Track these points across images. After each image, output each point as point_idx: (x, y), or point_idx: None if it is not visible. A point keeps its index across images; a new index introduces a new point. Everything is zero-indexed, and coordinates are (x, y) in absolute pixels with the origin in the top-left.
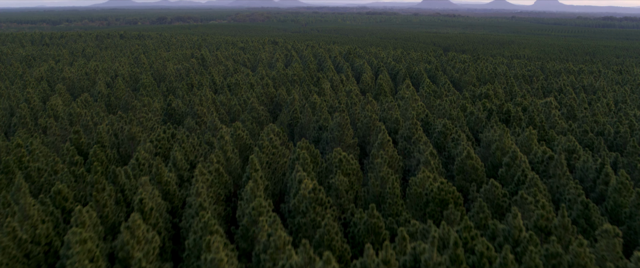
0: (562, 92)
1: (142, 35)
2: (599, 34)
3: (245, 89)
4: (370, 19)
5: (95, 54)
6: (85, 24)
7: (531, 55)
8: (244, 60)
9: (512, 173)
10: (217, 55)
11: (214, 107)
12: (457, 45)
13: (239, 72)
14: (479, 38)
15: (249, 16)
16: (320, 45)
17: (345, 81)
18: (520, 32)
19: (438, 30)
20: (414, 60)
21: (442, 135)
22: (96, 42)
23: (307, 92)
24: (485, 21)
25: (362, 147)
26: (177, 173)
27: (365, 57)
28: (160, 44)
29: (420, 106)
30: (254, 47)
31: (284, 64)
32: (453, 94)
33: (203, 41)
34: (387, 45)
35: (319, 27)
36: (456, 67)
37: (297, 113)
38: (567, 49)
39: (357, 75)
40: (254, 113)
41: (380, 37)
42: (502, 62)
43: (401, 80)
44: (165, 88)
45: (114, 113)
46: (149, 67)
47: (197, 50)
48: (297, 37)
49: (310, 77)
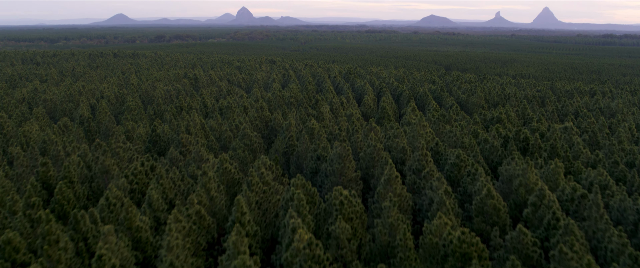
0: (578, 116)
1: (137, 54)
2: (601, 52)
3: (238, 112)
4: (369, 37)
5: (85, 74)
6: (83, 42)
7: (536, 74)
8: (239, 80)
9: (540, 215)
10: (211, 75)
11: (203, 133)
12: (459, 64)
13: (233, 93)
14: (480, 56)
15: (248, 35)
16: (319, 64)
17: (345, 104)
18: (521, 50)
19: (438, 48)
20: (418, 80)
21: (455, 167)
22: (88, 61)
23: (305, 116)
24: (485, 39)
25: (366, 179)
26: (153, 215)
27: (366, 77)
28: (153, 63)
29: (429, 133)
30: (251, 66)
31: (281, 84)
32: (462, 118)
33: (198, 60)
34: (388, 64)
35: (318, 45)
36: (462, 88)
37: (293, 140)
38: (572, 68)
39: (358, 97)
40: (247, 140)
41: (381, 55)
42: (509, 82)
43: (405, 102)
44: (153, 111)
45: (93, 139)
46: (137, 88)
47: (191, 70)
48: (296, 55)
49: (308, 99)
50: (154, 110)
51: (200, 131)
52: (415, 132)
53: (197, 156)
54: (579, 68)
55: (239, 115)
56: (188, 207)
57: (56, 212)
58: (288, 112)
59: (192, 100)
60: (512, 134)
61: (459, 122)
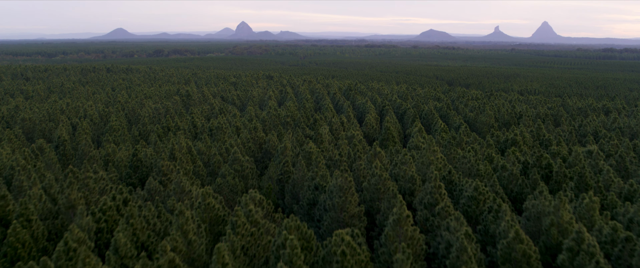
0: (598, 137)
1: (131, 69)
2: (603, 66)
3: (229, 133)
4: (369, 51)
5: (73, 90)
6: (81, 56)
7: (541, 89)
8: (233, 97)
9: (580, 263)
10: (204, 91)
11: (190, 157)
12: (461, 79)
13: (226, 112)
14: (482, 71)
15: (246, 49)
16: (318, 80)
17: (346, 124)
18: (522, 65)
19: (438, 62)
20: (422, 97)
21: (473, 201)
22: (80, 76)
23: (302, 137)
24: (485, 53)
25: (370, 213)
26: (120, 262)
27: (367, 93)
28: (146, 78)
29: (441, 159)
30: (247, 82)
31: (278, 101)
32: (474, 141)
33: (193, 76)
34: (390, 80)
35: (318, 60)
36: (469, 105)
37: (288, 166)
38: (576, 82)
39: (360, 116)
40: (237, 165)
41: (381, 70)
42: (518, 99)
43: (410, 121)
44: (138, 132)
45: (69, 164)
46: (124, 106)
47: (184, 86)
48: (294, 70)
49: (306, 118)
50: (139, 131)
51: (187, 155)
52: (424, 158)
53: (178, 187)
54: (584, 83)
55: (230, 136)
56: (159, 256)
57: (9, 257)
58: (284, 133)
59: (180, 120)
60: (532, 160)
61: (471, 145)
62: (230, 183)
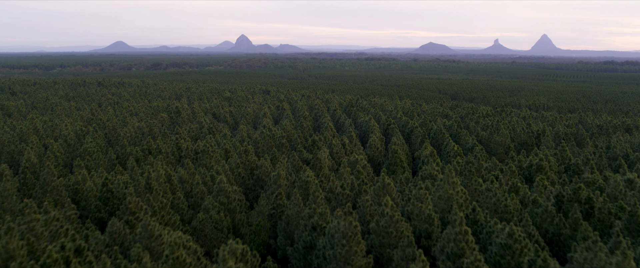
0: (629, 159)
1: (123, 83)
2: (606, 79)
3: (217, 157)
4: (369, 64)
5: (57, 106)
6: (78, 69)
7: (550, 103)
8: (226, 114)
9: None
10: (194, 108)
11: (170, 187)
12: (465, 93)
13: (216, 131)
14: (485, 84)
15: (246, 62)
16: (318, 94)
17: (348, 145)
18: (524, 78)
19: (439, 76)
20: (428, 114)
21: (508, 251)
22: (68, 90)
23: (299, 163)
24: (486, 66)
25: (379, 262)
26: None
27: (370, 110)
28: (137, 93)
29: (461, 193)
30: (241, 97)
31: (274, 118)
32: (494, 166)
33: (186, 90)
34: (392, 94)
35: (317, 73)
36: (481, 123)
37: (282, 198)
38: (584, 96)
39: (363, 135)
40: (223, 197)
41: (382, 84)
42: (531, 116)
43: (418, 141)
44: (115, 155)
45: (30, 195)
46: (104, 124)
47: (175, 102)
48: (293, 84)
49: (303, 139)
50: (116, 154)
51: (165, 185)
52: (442, 191)
53: (146, 231)
54: (592, 97)
55: (217, 161)
56: None
57: None
58: (279, 156)
59: (164, 141)
60: (567, 192)
61: (492, 173)
62: (214, 219)
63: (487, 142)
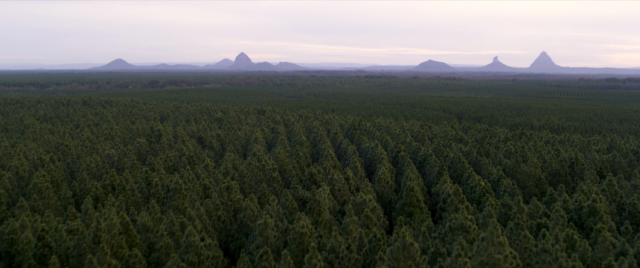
0: None
1: (110, 102)
2: (612, 97)
3: (192, 196)
4: (369, 82)
5: (29, 127)
6: (74, 87)
7: (563, 124)
8: (212, 139)
9: None
10: (178, 131)
11: (126, 240)
12: (471, 112)
13: (197, 160)
14: (489, 102)
15: (244, 80)
16: (317, 115)
17: (352, 179)
18: (528, 95)
19: (441, 93)
20: (441, 138)
21: None
22: (50, 110)
23: (292, 204)
24: (487, 84)
25: None
26: None
27: (375, 133)
28: (122, 113)
29: (510, 257)
30: (233, 118)
31: (267, 142)
32: (535, 209)
33: (175, 110)
34: (396, 114)
35: (316, 91)
36: (502, 149)
37: (268, 259)
38: (595, 114)
39: (368, 164)
40: (193, 255)
41: (383, 102)
42: (557, 140)
43: (435, 173)
44: (71, 193)
45: None
46: (70, 151)
47: (159, 123)
48: (292, 103)
49: (299, 171)
50: (74, 191)
51: (120, 237)
52: (485, 255)
53: None
54: (604, 116)
55: (193, 201)
56: None
57: None
58: (269, 194)
59: (132, 174)
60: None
61: (536, 220)
62: None
63: (513, 172)
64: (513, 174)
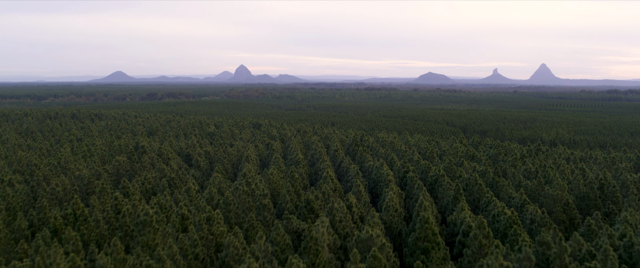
0: None
1: (100, 115)
2: (615, 109)
3: (166, 230)
4: (369, 94)
5: (5, 143)
6: (71, 99)
7: (576, 138)
8: (199, 158)
9: None
10: (163, 148)
11: None
12: (476, 125)
13: (178, 183)
14: (493, 115)
15: (243, 92)
16: (316, 129)
17: (355, 207)
18: (531, 108)
19: (443, 106)
20: (451, 155)
21: None
22: (36, 123)
23: (284, 240)
24: (488, 96)
25: None
26: None
27: (378, 150)
28: (110, 127)
29: None
30: (227, 132)
31: (261, 160)
32: (577, 245)
33: (166, 123)
34: (398, 127)
35: (316, 103)
36: (520, 167)
37: None
38: (604, 127)
39: (372, 185)
40: None
41: (384, 115)
42: (577, 157)
43: (450, 198)
44: (27, 223)
45: None
46: (35, 172)
47: (146, 139)
48: (290, 116)
49: (295, 196)
50: (30, 221)
51: None
52: None
53: None
54: (614, 129)
55: (167, 236)
56: None
57: None
58: (257, 225)
59: (101, 201)
60: None
61: (583, 265)
62: None
63: (536, 195)
64: (535, 197)
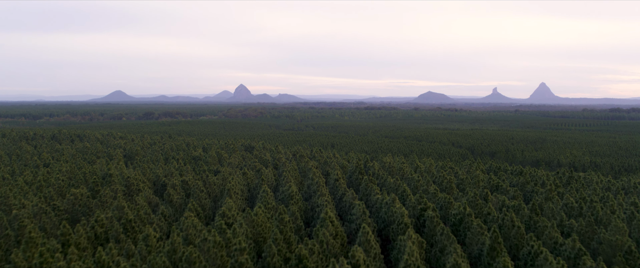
0: None
1: (82, 136)
2: (621, 128)
3: None
4: (369, 114)
5: None
6: (66, 118)
7: (598, 161)
8: (173, 192)
9: None
10: (134, 176)
11: None
12: (483, 146)
13: (139, 226)
14: (499, 135)
15: (241, 112)
16: (314, 153)
17: (363, 263)
18: (534, 127)
19: (445, 125)
20: (472, 185)
21: None
22: (10, 145)
23: None
24: (490, 115)
25: None
26: None
27: (386, 179)
28: (85, 150)
29: None
30: (213, 157)
31: (246, 195)
32: None
33: (150, 146)
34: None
35: (316, 123)
36: (557, 201)
37: None
38: (619, 147)
39: (382, 228)
40: None
41: (386, 135)
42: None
43: (484, 248)
44: None
45: None
46: None
47: (115, 165)
48: (288, 136)
49: (284, 246)
50: None
51: None
52: None
53: None
54: (629, 149)
55: None
56: None
57: None
58: None
59: (25, 255)
60: None
61: None
62: None
63: (588, 239)
64: (586, 242)
